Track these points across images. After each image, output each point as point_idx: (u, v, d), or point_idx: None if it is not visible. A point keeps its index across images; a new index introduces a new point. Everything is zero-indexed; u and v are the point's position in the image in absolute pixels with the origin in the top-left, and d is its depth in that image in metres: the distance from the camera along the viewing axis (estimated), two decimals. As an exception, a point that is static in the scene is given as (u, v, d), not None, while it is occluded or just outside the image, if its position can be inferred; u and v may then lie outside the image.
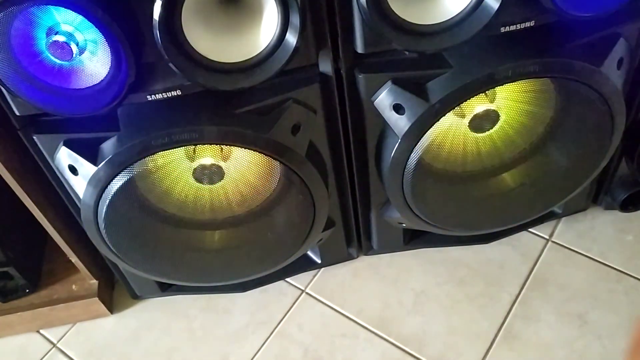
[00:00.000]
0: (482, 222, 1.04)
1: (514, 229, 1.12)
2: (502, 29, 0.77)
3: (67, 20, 0.69)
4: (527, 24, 0.77)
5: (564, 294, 1.07)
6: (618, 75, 0.83)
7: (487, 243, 1.13)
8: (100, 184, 0.82)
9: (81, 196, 0.84)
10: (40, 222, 0.96)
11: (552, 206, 1.03)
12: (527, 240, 1.15)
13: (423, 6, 0.74)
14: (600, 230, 1.15)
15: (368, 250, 1.16)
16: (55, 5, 0.66)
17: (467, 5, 0.72)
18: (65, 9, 0.67)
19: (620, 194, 1.10)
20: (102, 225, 0.88)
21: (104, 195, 0.84)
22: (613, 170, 1.08)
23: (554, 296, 1.07)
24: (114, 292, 1.19)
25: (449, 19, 0.74)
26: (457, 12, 0.73)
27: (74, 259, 1.05)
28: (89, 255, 1.08)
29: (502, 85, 0.78)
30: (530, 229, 1.16)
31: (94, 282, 1.12)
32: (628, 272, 1.08)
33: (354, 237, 1.12)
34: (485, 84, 0.78)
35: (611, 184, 1.10)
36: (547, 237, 1.15)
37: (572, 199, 1.11)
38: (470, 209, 1.01)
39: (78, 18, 0.68)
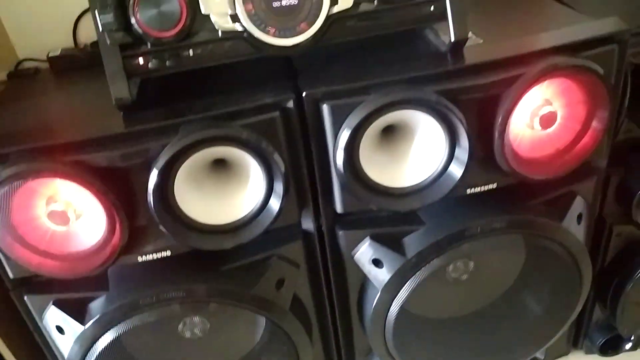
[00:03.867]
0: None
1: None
2: (468, 191, 0.84)
3: (66, 189, 0.75)
4: (491, 186, 0.84)
5: None
6: (579, 229, 0.89)
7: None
8: (86, 343, 0.83)
9: (66, 356, 0.84)
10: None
11: (531, 354, 1.04)
12: (512, 387, 1.15)
13: (395, 171, 0.81)
14: (582, 374, 1.16)
15: (353, 401, 1.14)
16: (57, 178, 0.72)
17: (433, 172, 0.80)
18: (66, 181, 0.73)
19: (598, 339, 1.12)
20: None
21: (89, 354, 0.84)
22: (589, 316, 1.11)
23: None
24: None
25: (419, 183, 0.81)
26: (425, 178, 0.81)
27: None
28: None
29: (472, 241, 0.84)
30: (514, 375, 1.16)
31: None
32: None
33: (339, 388, 1.11)
34: (456, 239, 0.84)
35: (589, 328, 1.13)
36: (531, 382, 1.15)
37: (553, 344, 1.13)
38: (453, 356, 1.02)
39: (76, 187, 0.74)
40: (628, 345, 1.14)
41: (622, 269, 1.00)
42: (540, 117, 0.79)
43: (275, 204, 0.77)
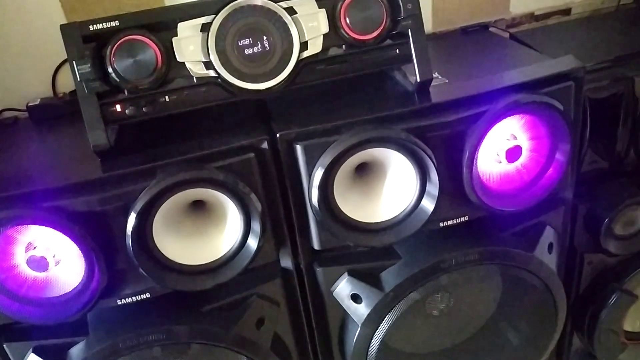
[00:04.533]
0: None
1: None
2: (441, 224, 0.86)
3: (44, 235, 0.75)
4: (462, 219, 0.86)
5: None
6: (550, 258, 0.92)
7: None
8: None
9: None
10: None
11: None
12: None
13: (369, 208, 0.84)
14: (566, 404, 1.16)
15: None
16: (36, 225, 0.73)
17: (406, 207, 0.82)
18: (44, 227, 0.74)
19: (579, 367, 1.14)
20: None
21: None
22: (568, 345, 1.13)
23: None
24: None
25: (393, 218, 0.83)
26: (399, 213, 0.83)
27: None
28: None
29: (447, 273, 0.86)
30: (499, 407, 1.17)
31: None
32: None
33: None
34: (432, 272, 0.86)
35: (569, 358, 1.14)
36: (516, 414, 1.15)
37: (536, 375, 1.14)
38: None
39: (55, 233, 0.75)
40: (608, 373, 1.15)
41: (596, 297, 1.02)
42: (506, 151, 0.83)
43: (253, 242, 0.78)
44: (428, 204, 0.81)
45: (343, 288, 0.89)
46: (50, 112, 1.02)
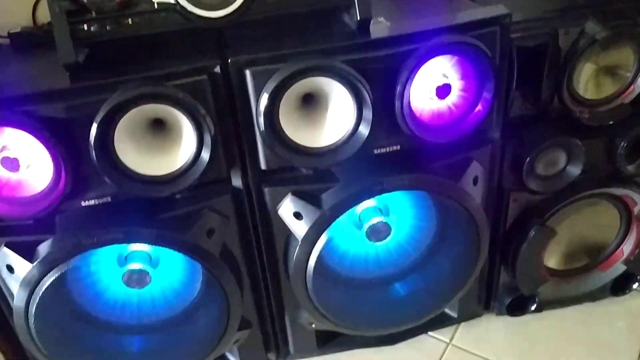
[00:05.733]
0: (382, 323, 1.16)
1: (415, 331, 1.24)
2: (375, 151, 0.96)
3: (17, 140, 0.85)
4: (395, 148, 0.96)
5: (462, 391, 1.17)
6: (475, 190, 1.02)
7: (392, 344, 1.24)
8: (31, 285, 0.91)
9: (15, 293, 0.94)
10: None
11: (440, 308, 1.17)
12: (430, 344, 1.27)
13: (312, 133, 0.93)
14: (493, 333, 1.28)
15: (286, 356, 1.25)
16: (9, 127, 0.82)
17: (345, 133, 0.92)
18: (16, 130, 0.83)
19: (505, 299, 1.25)
20: (32, 325, 0.97)
21: (34, 294, 0.93)
22: (496, 279, 1.24)
23: (453, 394, 1.17)
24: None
25: (333, 143, 0.93)
26: (338, 139, 0.92)
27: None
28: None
29: (378, 195, 0.96)
30: (432, 334, 1.29)
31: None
32: (518, 370, 1.20)
33: (272, 341, 1.22)
34: (365, 194, 0.96)
35: (497, 290, 1.26)
36: (447, 341, 1.28)
37: (466, 306, 1.26)
38: (370, 310, 1.14)
39: (26, 138, 0.84)
40: (533, 307, 1.27)
41: (519, 233, 1.12)
42: (437, 88, 0.92)
43: (205, 155, 0.88)
44: (364, 130, 0.90)
45: (287, 206, 0.99)
46: (30, 39, 1.09)
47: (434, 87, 0.92)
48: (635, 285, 1.29)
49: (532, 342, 1.25)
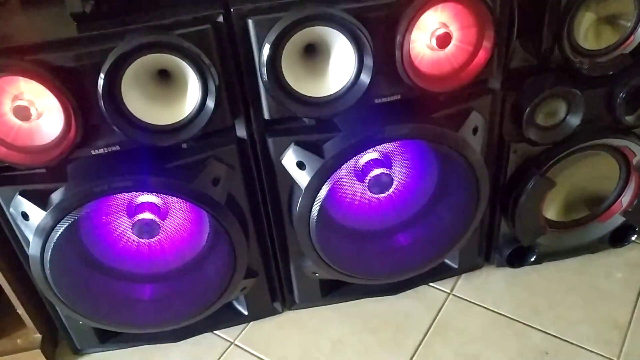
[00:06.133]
0: (384, 272, 1.20)
1: (417, 281, 1.27)
2: (376, 100, 0.98)
3: (29, 90, 0.87)
4: (395, 97, 0.98)
5: (461, 338, 1.21)
6: (475, 140, 1.04)
7: (394, 294, 1.28)
8: (45, 232, 0.95)
9: (30, 240, 0.98)
10: (-8, 271, 1.08)
11: (440, 258, 1.20)
12: (431, 295, 1.31)
13: (315, 83, 0.95)
14: (493, 284, 1.31)
15: (292, 305, 1.29)
16: (21, 76, 0.85)
17: (347, 82, 0.94)
18: (30, 80, 0.85)
19: (505, 251, 1.28)
20: (47, 271, 1.01)
21: (48, 241, 0.97)
22: (496, 230, 1.27)
23: (453, 341, 1.21)
24: (57, 349, 1.28)
25: (335, 92, 0.95)
26: (340, 88, 0.94)
27: (20, 310, 1.16)
28: (35, 309, 1.18)
29: (379, 144, 0.98)
30: (434, 285, 1.32)
31: (38, 336, 1.21)
32: (517, 319, 1.24)
33: (278, 291, 1.26)
34: (367, 143, 0.98)
35: (497, 242, 1.29)
36: (448, 291, 1.31)
37: (467, 257, 1.29)
38: (373, 259, 1.17)
39: (39, 88, 0.86)
40: (532, 258, 1.30)
41: (518, 183, 1.15)
42: (437, 37, 0.93)
43: (210, 104, 0.90)
44: (365, 78, 0.92)
45: (290, 156, 1.01)
46: (37, -6, 1.12)
47: (434, 37, 0.94)
48: (633, 237, 1.31)
49: (531, 293, 1.29)
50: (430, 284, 1.33)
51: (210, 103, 0.91)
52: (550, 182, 1.13)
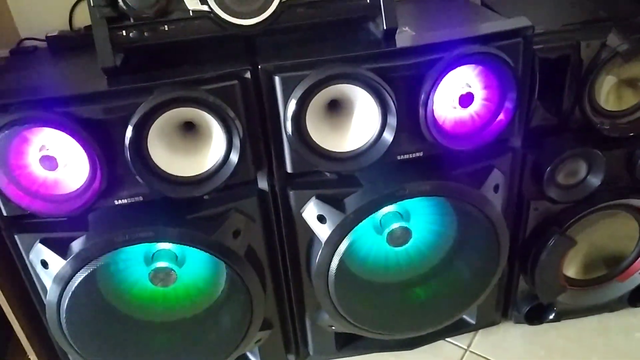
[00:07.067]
0: (401, 327, 1.18)
1: (433, 336, 1.25)
2: (399, 157, 0.99)
3: (55, 140, 0.88)
4: (418, 154, 0.99)
5: (479, 397, 1.19)
6: (496, 198, 1.04)
7: (411, 349, 1.26)
8: (64, 280, 0.95)
9: (48, 288, 0.97)
10: (8, 317, 1.07)
11: (458, 315, 1.18)
12: (448, 350, 1.29)
13: (338, 138, 0.96)
14: (510, 341, 1.29)
15: (306, 357, 1.27)
16: (49, 127, 0.86)
17: (370, 139, 0.94)
18: (57, 130, 0.86)
19: (523, 307, 1.26)
20: (63, 319, 1.00)
21: (66, 289, 0.96)
22: (515, 287, 1.25)
23: (471, 399, 1.18)
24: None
25: (357, 148, 0.95)
26: (362, 144, 0.95)
27: (32, 357, 1.15)
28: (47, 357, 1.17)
29: (401, 201, 0.98)
30: (451, 340, 1.30)
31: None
32: (536, 379, 1.21)
33: (292, 343, 1.24)
34: (388, 199, 0.98)
35: (515, 298, 1.27)
36: (465, 347, 1.29)
37: (485, 313, 1.28)
38: (390, 314, 1.16)
39: (66, 138, 0.87)
40: (551, 316, 1.28)
41: (538, 241, 1.14)
42: (460, 96, 0.95)
43: (234, 158, 0.91)
44: (388, 136, 0.93)
45: (311, 209, 1.01)
46: (67, 43, 1.14)
47: (457, 96, 0.95)
48: (653, 297, 1.29)
49: (549, 351, 1.26)
50: (447, 339, 1.31)
51: (234, 156, 0.91)
52: (572, 240, 1.13)
